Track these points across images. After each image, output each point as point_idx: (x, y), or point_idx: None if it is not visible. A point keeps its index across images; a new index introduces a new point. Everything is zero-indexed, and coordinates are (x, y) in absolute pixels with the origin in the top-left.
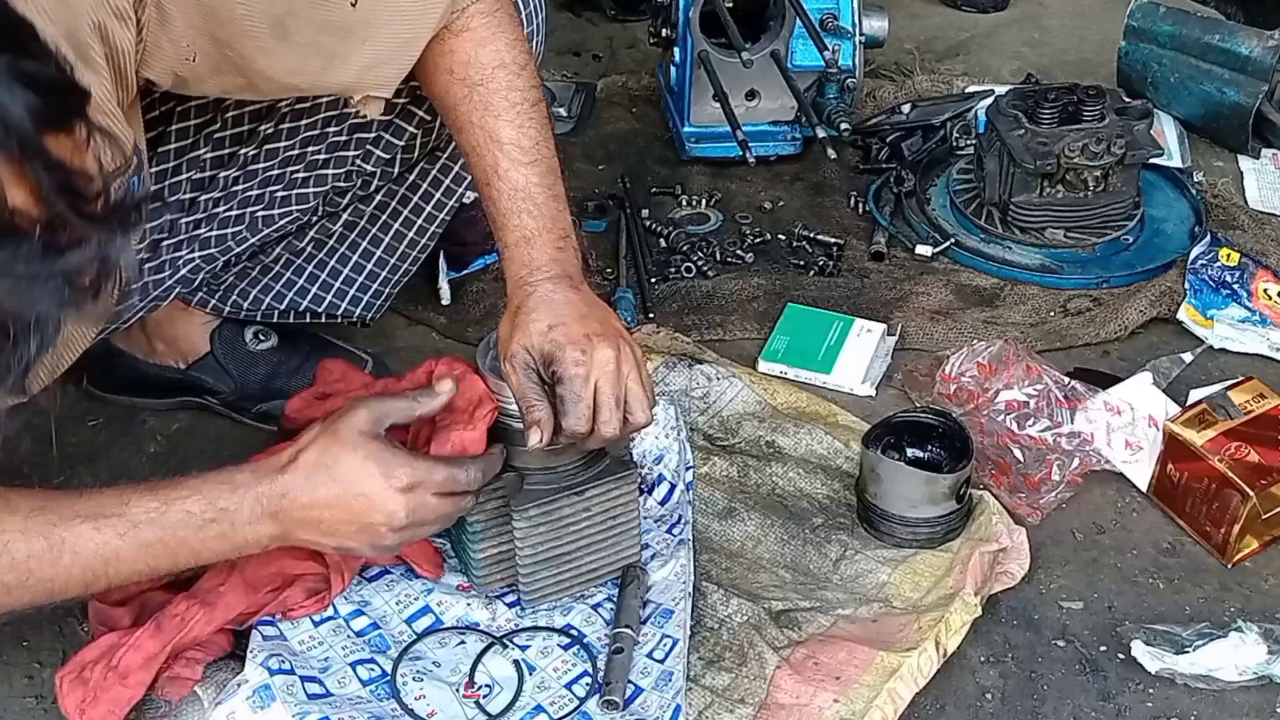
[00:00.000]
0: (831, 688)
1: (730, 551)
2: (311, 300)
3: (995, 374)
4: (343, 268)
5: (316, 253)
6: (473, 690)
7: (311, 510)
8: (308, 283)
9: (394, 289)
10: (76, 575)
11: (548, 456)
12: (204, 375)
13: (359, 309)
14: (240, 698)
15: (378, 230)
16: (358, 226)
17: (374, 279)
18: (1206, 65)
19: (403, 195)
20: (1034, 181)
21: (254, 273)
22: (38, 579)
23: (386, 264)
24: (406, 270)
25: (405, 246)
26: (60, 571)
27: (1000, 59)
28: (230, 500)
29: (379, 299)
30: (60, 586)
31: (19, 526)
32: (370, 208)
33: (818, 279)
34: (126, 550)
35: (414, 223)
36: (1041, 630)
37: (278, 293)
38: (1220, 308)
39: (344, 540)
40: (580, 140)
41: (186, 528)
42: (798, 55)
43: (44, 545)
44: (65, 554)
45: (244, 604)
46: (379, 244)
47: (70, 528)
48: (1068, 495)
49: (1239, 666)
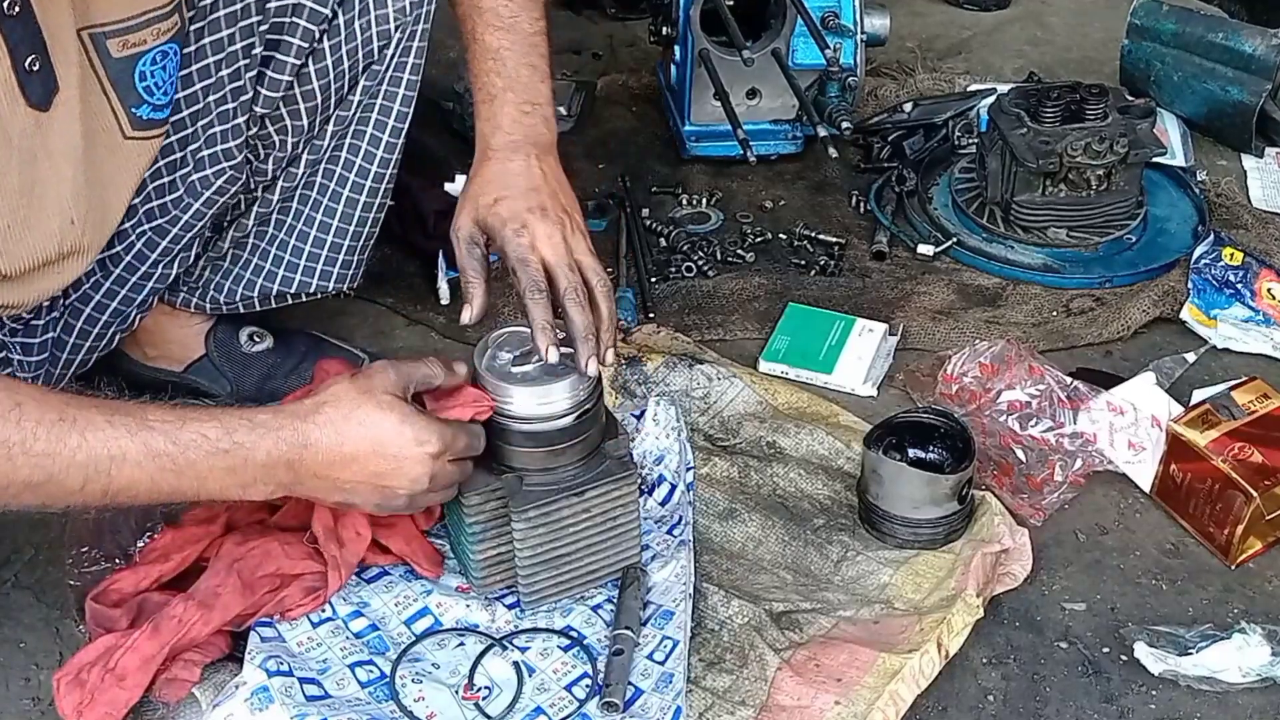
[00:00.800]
0: (833, 689)
1: (731, 553)
2: (281, 282)
3: (997, 374)
4: (303, 244)
5: (268, 231)
6: (472, 692)
7: (333, 466)
8: (273, 265)
9: (361, 255)
10: (80, 461)
11: (547, 457)
12: (200, 378)
13: (331, 282)
14: (238, 699)
15: (317, 195)
16: (296, 196)
17: (336, 249)
18: (1210, 63)
19: (330, 154)
20: (1036, 180)
21: (224, 263)
22: (41, 450)
23: (345, 231)
24: (368, 234)
25: (356, 209)
26: (65, 451)
27: (1002, 57)
28: (248, 437)
29: (349, 268)
30: (60, 469)
31: (36, 395)
32: (302, 172)
33: (819, 278)
34: (133, 451)
35: (355, 182)
36: (1044, 632)
37: (248, 281)
38: (1223, 307)
39: (351, 497)
40: (580, 139)
41: (198, 450)
42: (799, 53)
43: (55, 416)
44: (74, 433)
45: (242, 605)
46: (331, 212)
47: (85, 412)
48: (1070, 496)
49: (1242, 668)
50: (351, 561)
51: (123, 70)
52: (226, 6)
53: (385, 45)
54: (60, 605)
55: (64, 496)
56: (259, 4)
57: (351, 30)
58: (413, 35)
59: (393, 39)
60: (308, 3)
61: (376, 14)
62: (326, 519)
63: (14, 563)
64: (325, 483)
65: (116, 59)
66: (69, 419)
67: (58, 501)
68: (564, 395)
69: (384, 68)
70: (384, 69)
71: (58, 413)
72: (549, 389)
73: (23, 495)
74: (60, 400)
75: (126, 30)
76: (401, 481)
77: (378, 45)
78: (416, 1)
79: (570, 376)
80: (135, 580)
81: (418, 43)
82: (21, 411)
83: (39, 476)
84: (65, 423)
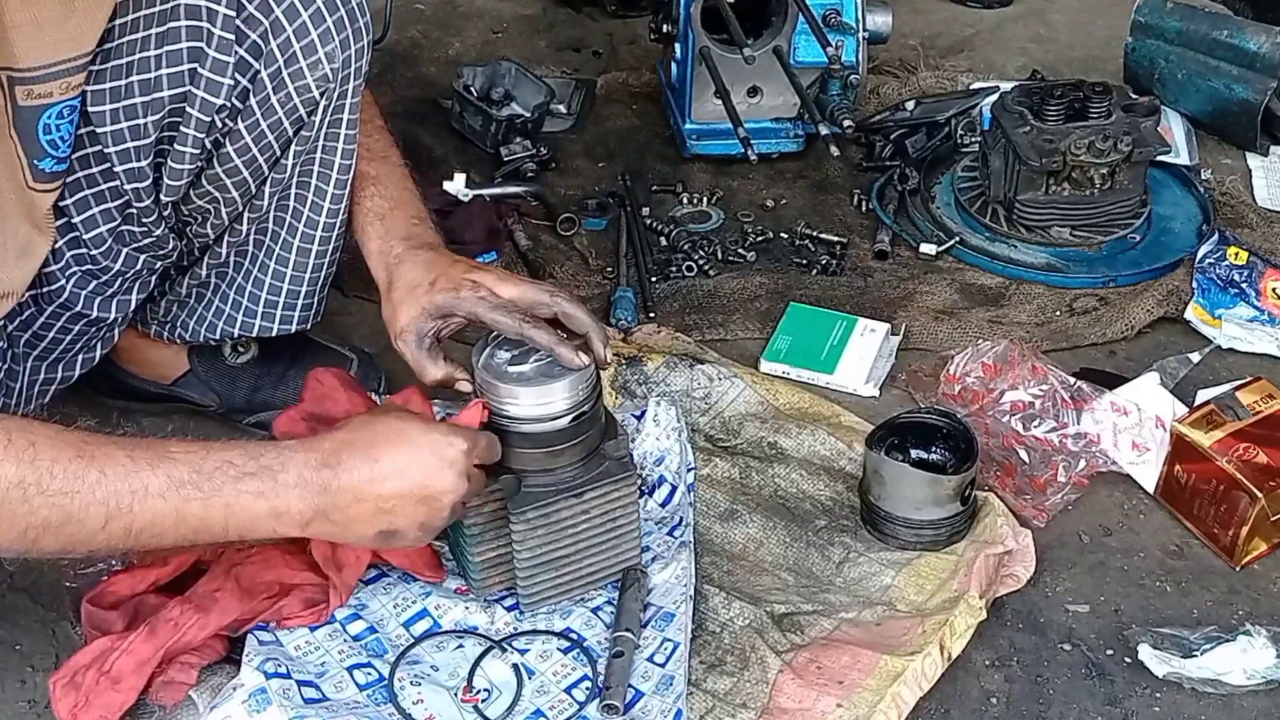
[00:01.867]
0: (834, 692)
1: (732, 554)
2: (242, 326)
3: (1000, 374)
4: (259, 290)
5: (228, 274)
6: (471, 694)
7: (373, 481)
8: (232, 309)
9: (320, 295)
10: (100, 498)
11: (546, 458)
12: (188, 391)
13: (293, 324)
14: (236, 701)
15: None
16: (249, 245)
17: (294, 295)
18: (1214, 61)
19: (275, 213)
20: (1040, 179)
21: (189, 302)
22: (59, 489)
23: (300, 279)
24: (325, 277)
25: (309, 258)
26: (84, 488)
27: (1005, 55)
28: (275, 460)
29: (309, 310)
30: (80, 507)
31: (50, 434)
32: (247, 230)
33: (821, 278)
34: (156, 483)
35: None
36: (1047, 634)
37: (210, 322)
38: (1228, 307)
39: (396, 520)
40: (580, 137)
41: (223, 476)
42: (800, 51)
43: (72, 454)
44: (92, 470)
45: (239, 610)
46: (284, 261)
47: (103, 448)
48: (1074, 497)
49: (1247, 670)
50: (351, 584)
51: (27, 120)
52: (113, 80)
53: (312, 110)
54: (56, 607)
55: (86, 538)
56: (144, 88)
57: (268, 108)
58: (343, 94)
59: (319, 104)
60: (200, 92)
61: (295, 86)
62: (325, 549)
63: (10, 564)
64: (366, 506)
65: (23, 106)
66: (87, 455)
67: (80, 544)
68: (563, 395)
69: (315, 131)
70: (315, 131)
71: (75, 450)
72: (548, 389)
73: (43, 540)
74: (77, 437)
75: (34, 80)
76: (445, 484)
77: (305, 112)
78: (341, 64)
79: (569, 377)
80: (132, 583)
81: (350, 99)
82: (36, 450)
83: (58, 517)
84: (83, 459)
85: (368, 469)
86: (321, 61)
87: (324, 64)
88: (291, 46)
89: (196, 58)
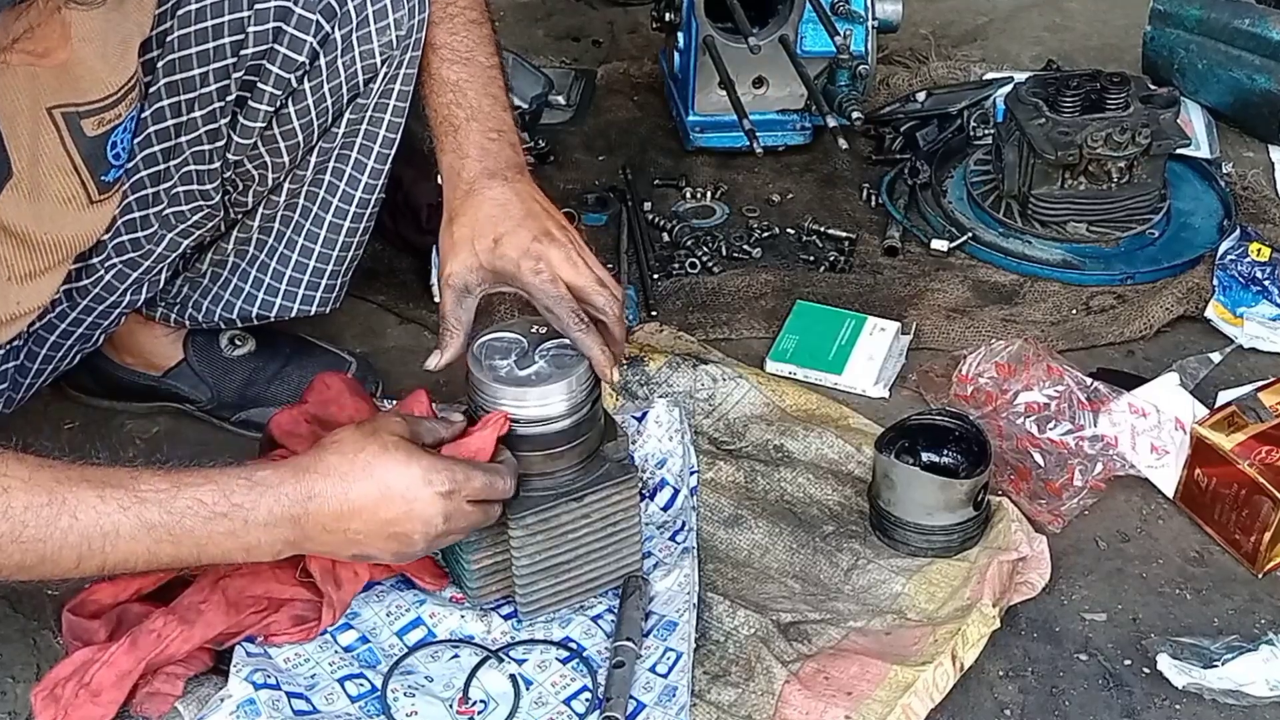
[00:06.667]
0: (843, 703)
1: (737, 560)
2: (261, 305)
3: (1014, 375)
4: (283, 268)
5: (249, 252)
6: (467, 706)
7: (341, 518)
8: (253, 288)
9: (344, 279)
10: (72, 542)
11: (545, 461)
12: (179, 383)
13: (313, 306)
14: (223, 713)
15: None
16: (278, 219)
17: (318, 274)
18: (1236, 51)
19: (312, 182)
20: (1055, 173)
21: (203, 282)
22: (32, 535)
23: (327, 257)
24: (351, 259)
25: (339, 235)
26: (56, 534)
27: (1020, 44)
28: (246, 497)
29: (331, 292)
30: (53, 551)
31: (23, 475)
32: (283, 199)
33: (828, 275)
34: (127, 526)
35: (339, 208)
36: (1063, 643)
37: (227, 301)
38: (1250, 305)
39: (365, 548)
40: (580, 130)
41: (194, 517)
42: (808, 40)
43: (44, 500)
44: (64, 515)
45: (225, 623)
46: (313, 238)
47: (75, 489)
48: (1090, 502)
49: (1270, 681)
50: (347, 600)
51: (96, 146)
52: (199, 44)
53: (371, 79)
54: (38, 616)
55: (60, 574)
56: (234, 48)
57: (334, 69)
58: (400, 64)
59: (379, 72)
60: (282, 49)
61: (361, 49)
62: (324, 563)
63: None
64: (335, 537)
65: (91, 137)
66: (58, 500)
67: (54, 578)
68: (561, 396)
69: (370, 99)
70: (370, 100)
71: (46, 494)
72: (546, 390)
73: (16, 576)
74: (49, 478)
75: (102, 109)
76: (414, 526)
77: (363, 79)
78: (406, 32)
79: (568, 377)
80: (114, 591)
81: (405, 70)
82: (9, 498)
83: (31, 559)
84: (54, 504)
85: (337, 504)
86: (390, 27)
87: (391, 30)
88: (365, 10)
89: (283, 16)
